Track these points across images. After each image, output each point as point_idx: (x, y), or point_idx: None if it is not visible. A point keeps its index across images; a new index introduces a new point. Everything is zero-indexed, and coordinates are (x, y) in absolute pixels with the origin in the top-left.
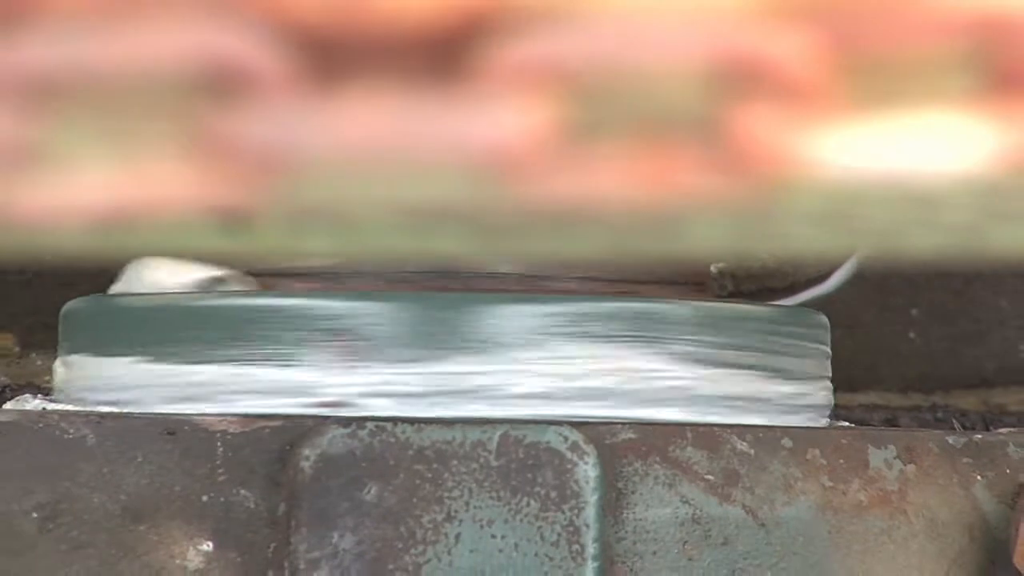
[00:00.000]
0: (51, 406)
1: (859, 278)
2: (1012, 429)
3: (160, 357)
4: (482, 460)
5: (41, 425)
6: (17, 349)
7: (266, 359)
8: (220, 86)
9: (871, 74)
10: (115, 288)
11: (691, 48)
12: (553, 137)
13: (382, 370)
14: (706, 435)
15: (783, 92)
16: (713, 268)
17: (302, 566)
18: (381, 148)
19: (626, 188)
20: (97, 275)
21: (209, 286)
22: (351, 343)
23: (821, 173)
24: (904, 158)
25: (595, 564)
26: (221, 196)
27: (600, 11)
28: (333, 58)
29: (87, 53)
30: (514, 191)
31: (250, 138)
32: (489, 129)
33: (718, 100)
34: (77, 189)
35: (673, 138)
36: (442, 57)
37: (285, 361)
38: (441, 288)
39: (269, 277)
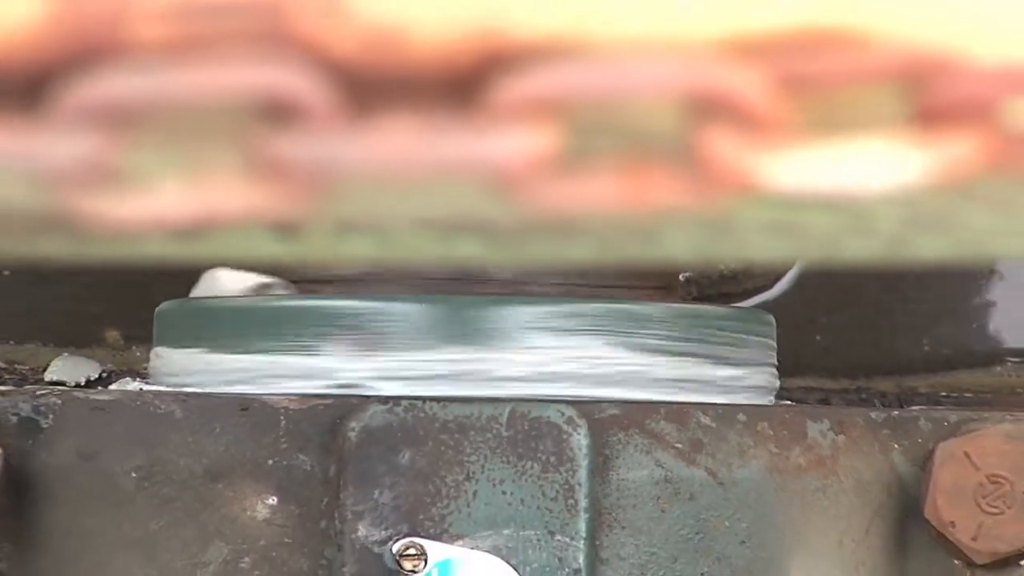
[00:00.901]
0: (146, 387)
1: (800, 285)
2: (922, 407)
3: (227, 348)
4: (495, 431)
5: (138, 402)
6: (121, 342)
7: (309, 350)
8: (275, 115)
9: (817, 105)
10: (193, 292)
11: (666, 83)
12: (552, 158)
13: (410, 357)
14: (676, 411)
15: (743, 120)
16: (681, 276)
17: (349, 517)
18: (408, 168)
19: (612, 202)
20: (190, 279)
21: (261, 291)
22: (382, 336)
23: (774, 189)
24: (844, 177)
25: (586, 515)
26: (275, 209)
27: (590, 52)
28: (368, 92)
29: (163, 86)
30: (519, 205)
31: (299, 160)
32: (498, 152)
33: (689, 127)
34: (155, 204)
35: (651, 159)
36: (459, 91)
37: (321, 350)
38: (455, 291)
39: (311, 283)
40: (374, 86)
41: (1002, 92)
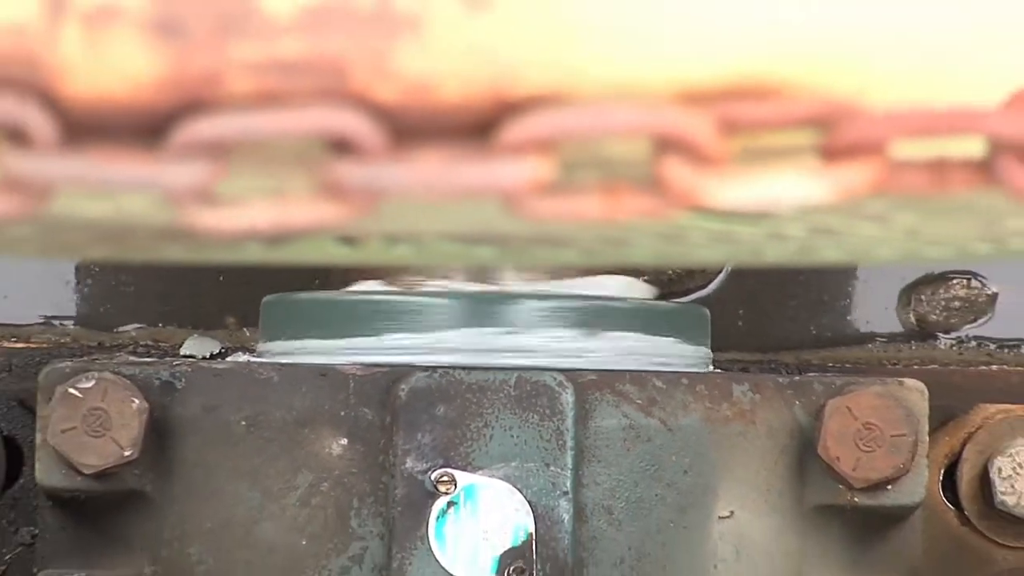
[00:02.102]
0: (252, 359)
1: (726, 285)
2: (815, 374)
3: (312, 331)
4: (505, 391)
5: (247, 370)
6: (236, 326)
7: (370, 332)
8: (336, 148)
9: (748, 143)
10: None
11: (634, 125)
12: (547, 183)
13: (444, 337)
14: (637, 377)
15: (692, 154)
16: (643, 277)
17: (399, 453)
18: (438, 191)
19: (593, 217)
20: (288, 278)
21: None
22: (423, 322)
23: (716, 207)
24: (767, 198)
25: (572, 452)
26: (338, 223)
27: (576, 101)
28: (407, 131)
29: (252, 126)
30: (522, 219)
31: (355, 184)
32: (507, 178)
33: (651, 159)
34: (247, 218)
35: (623, 183)
36: (477, 131)
37: (379, 332)
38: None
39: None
40: (412, 127)
41: (888, 133)
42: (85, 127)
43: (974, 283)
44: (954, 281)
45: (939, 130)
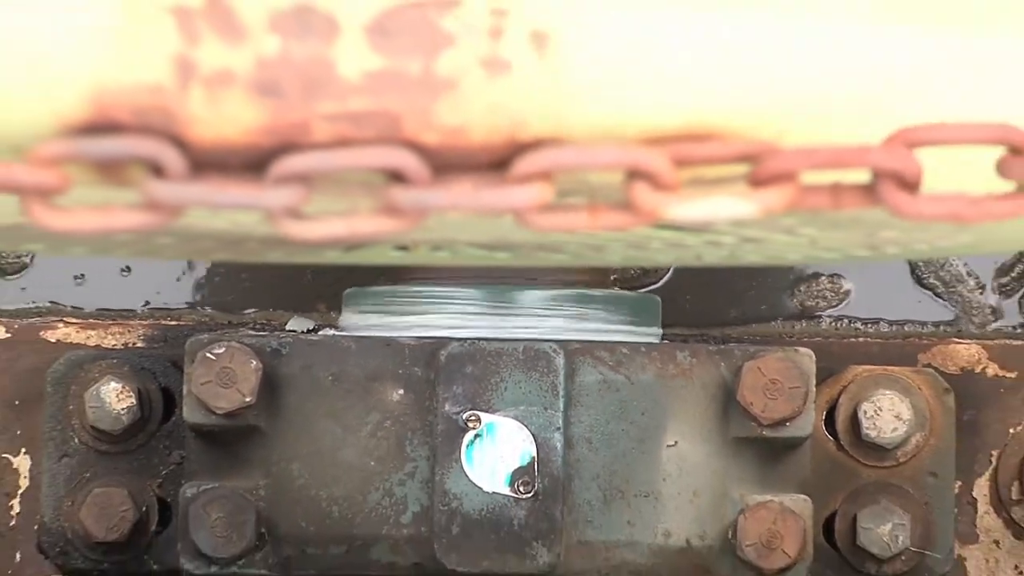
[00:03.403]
0: (336, 333)
1: (673, 280)
2: (735, 343)
3: (379, 313)
4: (516, 356)
5: (332, 341)
6: (324, 309)
7: (421, 314)
8: (392, 178)
9: (694, 173)
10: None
11: (611, 161)
12: (546, 203)
13: (474, 317)
14: (609, 346)
15: (654, 181)
16: (611, 277)
17: (440, 400)
18: (466, 210)
19: (580, 229)
20: (362, 274)
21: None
22: (458, 306)
23: (670, 222)
24: (707, 215)
25: (563, 400)
26: (394, 234)
27: (568, 143)
28: (444, 166)
29: (329, 161)
30: (528, 231)
31: (406, 205)
32: (518, 200)
33: (624, 185)
34: (327, 230)
35: (602, 203)
36: (496, 166)
37: (427, 314)
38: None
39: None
40: (448, 163)
41: (799, 166)
42: (206, 162)
43: (835, 280)
44: (822, 277)
45: (836, 163)
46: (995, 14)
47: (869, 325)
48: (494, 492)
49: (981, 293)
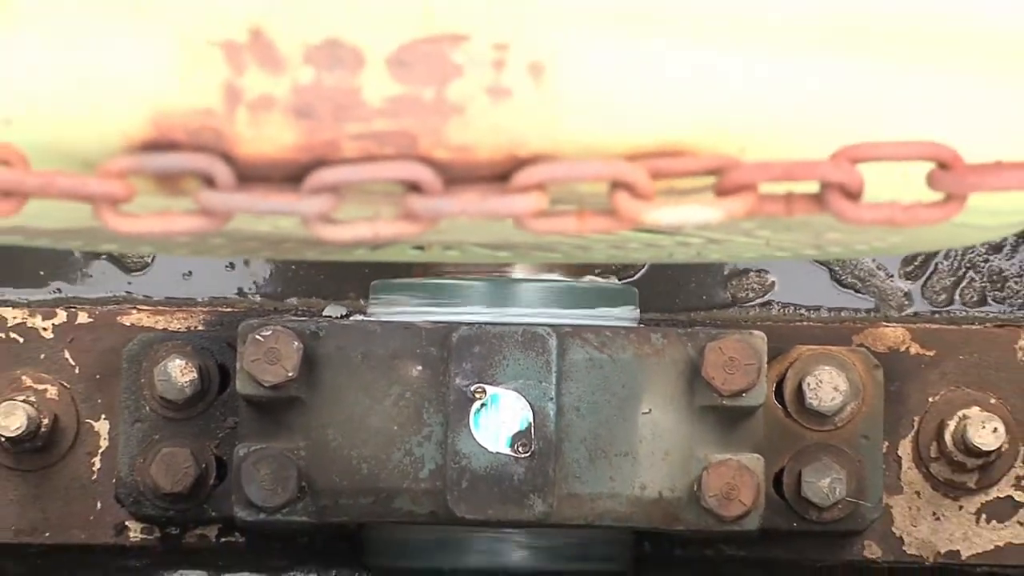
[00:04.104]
0: (365, 319)
1: (649, 273)
2: (700, 326)
3: (400, 302)
4: (515, 338)
5: (361, 325)
6: (355, 298)
7: (435, 302)
8: (410, 188)
9: (668, 184)
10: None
11: (597, 173)
12: (541, 210)
13: (480, 306)
14: (594, 329)
15: (634, 190)
16: (597, 270)
17: (452, 374)
18: (474, 216)
19: (570, 231)
20: (388, 269)
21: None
22: (466, 295)
23: (647, 225)
24: (678, 220)
25: (555, 375)
26: (412, 236)
27: (560, 158)
28: (455, 178)
29: (356, 174)
30: (526, 233)
31: (422, 211)
32: (517, 207)
33: (608, 193)
34: (355, 233)
35: (589, 209)
36: (499, 177)
37: (441, 301)
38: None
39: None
40: (458, 176)
41: (758, 178)
42: (251, 175)
43: (762, 275)
44: (751, 272)
45: (789, 175)
46: (924, 49)
47: (811, 311)
48: (497, 452)
49: (892, 281)
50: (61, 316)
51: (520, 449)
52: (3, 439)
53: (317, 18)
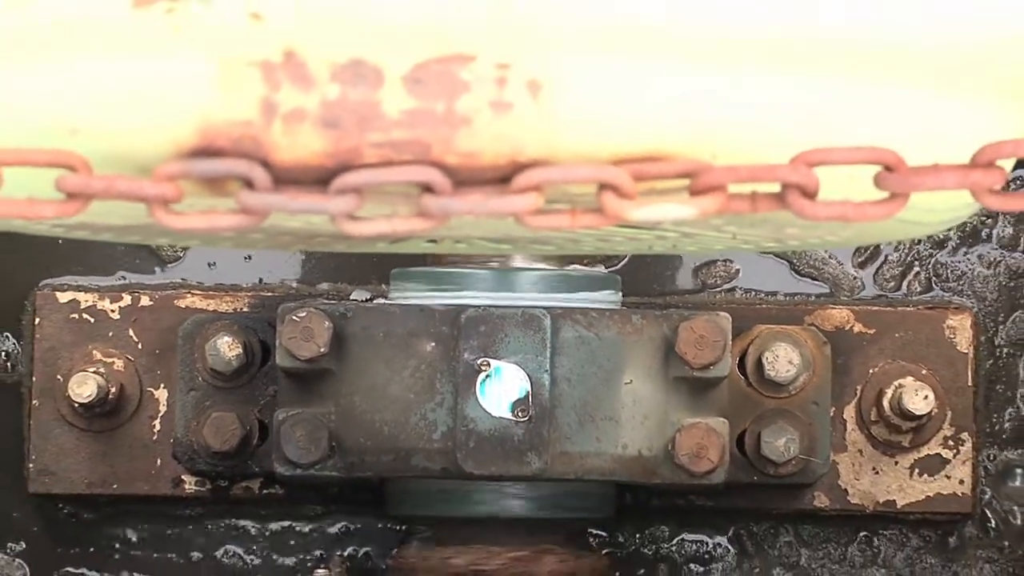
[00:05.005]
0: (386, 302)
1: (631, 262)
2: (674, 308)
3: (416, 287)
4: (516, 318)
5: (382, 308)
6: (377, 283)
7: (447, 287)
8: (424, 190)
9: (648, 185)
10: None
11: (587, 176)
12: (538, 208)
13: (486, 291)
14: (583, 311)
15: (619, 191)
16: (585, 260)
17: (462, 349)
18: (480, 213)
19: (563, 227)
20: (407, 259)
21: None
22: (474, 282)
23: (630, 221)
24: (655, 216)
25: (549, 350)
26: (426, 231)
27: (554, 163)
28: (463, 180)
29: (376, 177)
30: (525, 228)
31: (434, 209)
32: (516, 206)
33: (596, 193)
34: (376, 228)
35: (579, 207)
36: (501, 180)
37: (451, 287)
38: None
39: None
40: (466, 179)
41: (727, 180)
42: (285, 178)
43: (727, 264)
44: (718, 262)
45: (754, 177)
46: (867, 68)
47: (768, 295)
48: (500, 416)
49: (843, 267)
50: (126, 299)
51: (519, 414)
52: (77, 405)
53: (342, 41)
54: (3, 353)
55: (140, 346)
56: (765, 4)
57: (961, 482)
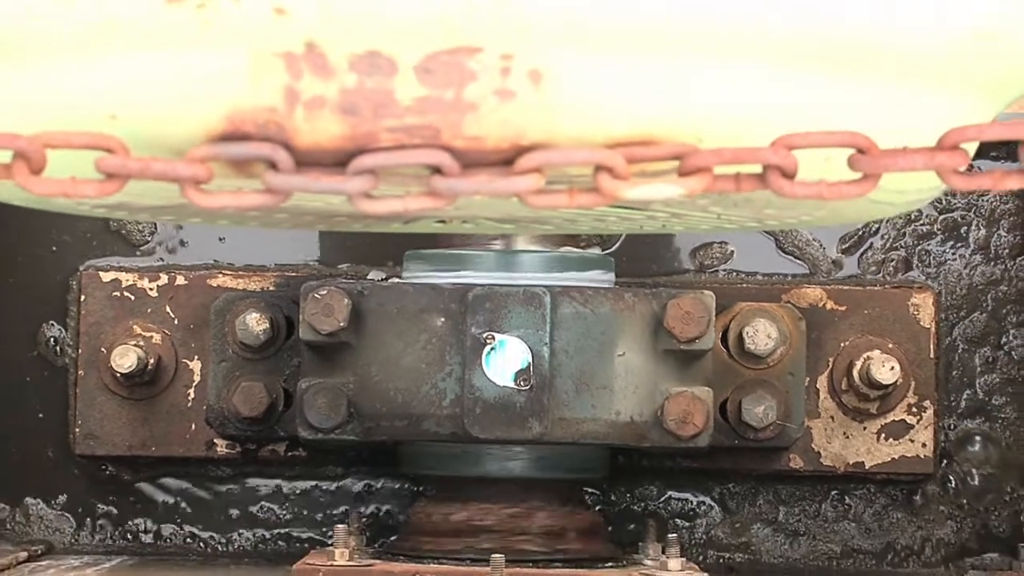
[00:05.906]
0: (400, 281)
1: (625, 243)
2: (662, 287)
3: (426, 268)
4: (518, 295)
5: (396, 287)
6: (392, 264)
7: (455, 267)
8: (435, 170)
9: (640, 167)
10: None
11: (584, 159)
12: (539, 188)
13: (490, 271)
14: (580, 289)
15: (614, 172)
16: (583, 240)
17: (468, 325)
18: (485, 193)
19: (562, 206)
20: (420, 240)
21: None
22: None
23: (624, 201)
24: (648, 196)
25: (549, 324)
26: (436, 210)
27: (555, 146)
28: (469, 162)
29: (391, 159)
30: (527, 207)
31: (444, 189)
32: (519, 186)
33: (593, 174)
34: (389, 207)
35: (577, 187)
36: (505, 162)
37: (459, 267)
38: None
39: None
40: (472, 161)
41: (712, 162)
42: (306, 161)
43: (723, 245)
44: (713, 244)
45: (738, 159)
46: (841, 61)
47: (749, 275)
48: (504, 385)
49: (824, 250)
50: (163, 279)
51: (522, 383)
52: (119, 375)
53: (359, 34)
54: (51, 339)
55: (176, 321)
56: (755, 2)
57: (924, 445)
